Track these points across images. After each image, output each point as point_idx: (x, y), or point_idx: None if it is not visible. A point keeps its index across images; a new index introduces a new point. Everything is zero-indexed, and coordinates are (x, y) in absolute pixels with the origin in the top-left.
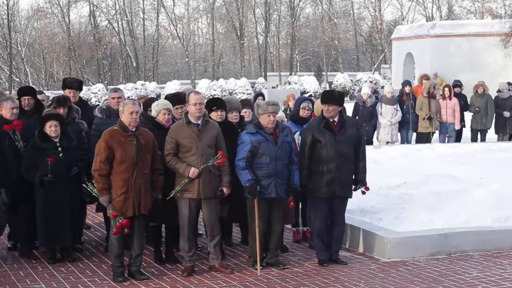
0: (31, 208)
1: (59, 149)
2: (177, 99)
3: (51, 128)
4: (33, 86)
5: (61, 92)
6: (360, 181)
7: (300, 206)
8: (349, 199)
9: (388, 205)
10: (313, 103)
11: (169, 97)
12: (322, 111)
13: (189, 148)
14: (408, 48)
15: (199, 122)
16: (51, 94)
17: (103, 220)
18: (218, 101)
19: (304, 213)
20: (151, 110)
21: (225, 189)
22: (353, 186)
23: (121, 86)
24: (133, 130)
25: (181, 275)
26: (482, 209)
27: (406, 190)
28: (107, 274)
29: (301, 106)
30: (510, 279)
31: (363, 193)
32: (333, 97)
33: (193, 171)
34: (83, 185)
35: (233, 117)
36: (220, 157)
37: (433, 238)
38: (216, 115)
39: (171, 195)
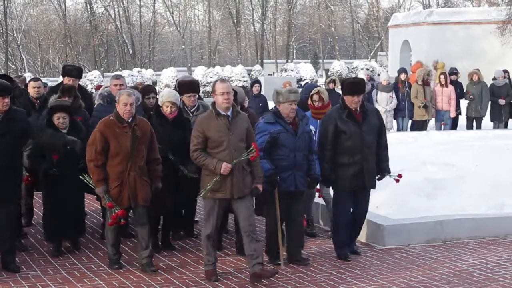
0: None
1: None
2: (191, 87)
3: (59, 120)
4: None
5: (57, 78)
6: (384, 170)
7: None
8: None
9: (384, 192)
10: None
11: (182, 84)
12: (342, 100)
13: (219, 143)
14: (405, 36)
15: (229, 113)
16: (47, 81)
17: (100, 207)
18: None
19: None
20: (149, 98)
21: (259, 186)
22: (377, 176)
23: (117, 73)
24: (129, 121)
25: (205, 278)
26: (478, 197)
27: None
28: (103, 261)
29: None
30: (505, 266)
31: (397, 181)
32: (360, 87)
33: (225, 167)
34: (80, 176)
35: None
36: (254, 150)
37: (428, 225)
38: None
39: (201, 195)
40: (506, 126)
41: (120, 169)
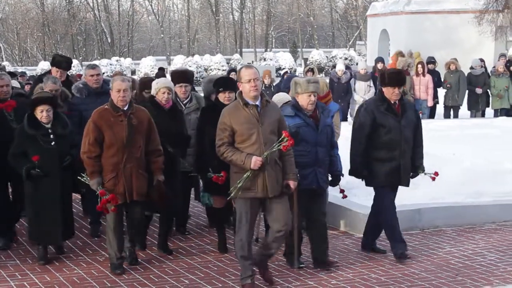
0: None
1: (51, 136)
2: (184, 76)
3: (43, 114)
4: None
5: (35, 67)
6: (418, 168)
7: None
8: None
9: (362, 181)
10: None
11: (175, 74)
12: (381, 91)
13: (248, 136)
14: (383, 25)
15: (258, 103)
16: (25, 69)
17: (79, 196)
18: (226, 81)
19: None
20: (148, 92)
21: (291, 183)
22: (411, 173)
23: (95, 62)
24: (125, 109)
25: None
26: (455, 185)
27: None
28: (82, 250)
29: None
30: (482, 254)
31: (433, 179)
32: (402, 78)
33: (255, 161)
34: (78, 177)
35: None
36: (286, 139)
37: (406, 214)
38: (223, 97)
39: (231, 195)
40: (483, 115)
41: (115, 161)
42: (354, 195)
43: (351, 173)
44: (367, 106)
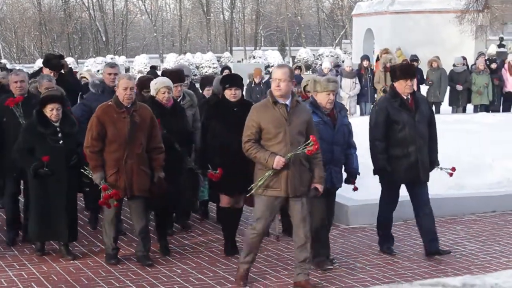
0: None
1: (60, 135)
2: (176, 76)
3: (53, 112)
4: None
5: (32, 65)
6: (433, 162)
7: None
8: None
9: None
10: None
11: (167, 74)
12: (392, 87)
13: (275, 135)
14: (368, 24)
15: (288, 102)
16: (22, 67)
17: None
18: (232, 78)
19: None
20: (146, 92)
21: (319, 186)
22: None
23: (91, 60)
24: (128, 106)
25: (235, 282)
26: (438, 178)
27: (365, 159)
28: (78, 241)
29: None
30: (463, 244)
31: (450, 175)
32: (413, 70)
33: (277, 161)
34: (81, 170)
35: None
36: (312, 143)
37: None
38: (229, 94)
39: (252, 191)
40: (464, 111)
41: (117, 156)
42: (340, 187)
43: (375, 172)
44: (380, 103)
